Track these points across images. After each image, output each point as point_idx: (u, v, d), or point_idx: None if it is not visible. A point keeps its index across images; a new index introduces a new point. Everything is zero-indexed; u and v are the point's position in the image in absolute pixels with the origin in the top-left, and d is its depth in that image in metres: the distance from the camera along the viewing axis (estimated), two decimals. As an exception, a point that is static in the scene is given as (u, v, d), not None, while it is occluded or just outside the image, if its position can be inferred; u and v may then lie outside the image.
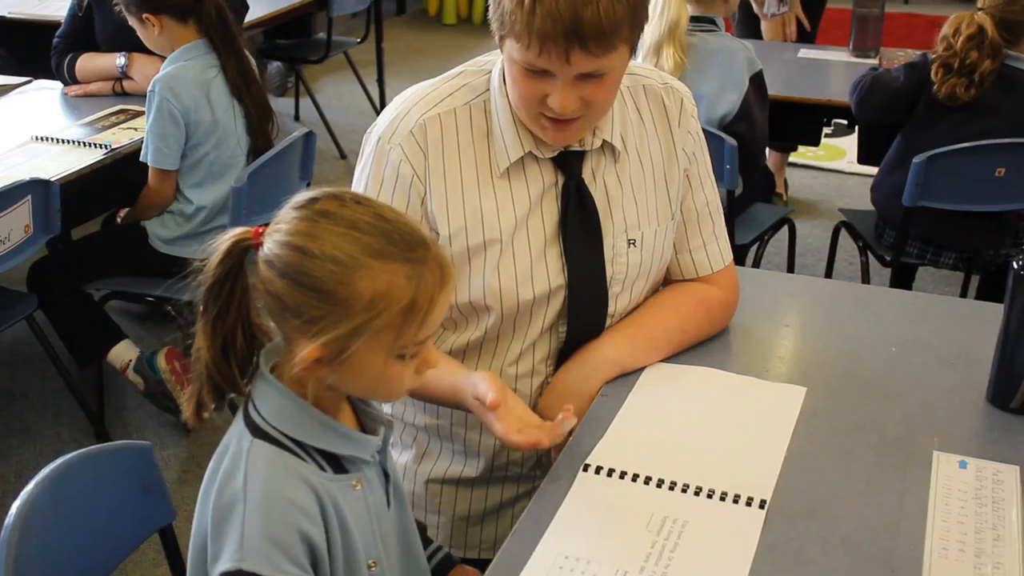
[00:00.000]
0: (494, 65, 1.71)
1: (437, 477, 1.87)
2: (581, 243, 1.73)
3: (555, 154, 1.70)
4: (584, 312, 1.76)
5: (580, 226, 1.72)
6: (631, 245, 1.77)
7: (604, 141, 1.72)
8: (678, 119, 1.80)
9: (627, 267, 1.77)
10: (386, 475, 1.42)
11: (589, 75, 1.55)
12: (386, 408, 1.91)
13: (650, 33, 3.08)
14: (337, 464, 1.33)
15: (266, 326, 1.33)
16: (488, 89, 1.71)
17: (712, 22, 3.17)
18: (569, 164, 1.71)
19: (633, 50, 1.62)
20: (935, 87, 3.08)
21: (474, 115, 1.70)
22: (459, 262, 1.70)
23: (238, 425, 1.32)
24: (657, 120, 1.79)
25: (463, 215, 1.69)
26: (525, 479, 1.86)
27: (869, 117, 3.33)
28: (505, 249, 1.70)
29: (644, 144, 1.78)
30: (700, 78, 3.08)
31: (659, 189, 1.79)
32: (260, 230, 1.28)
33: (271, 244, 1.26)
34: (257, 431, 1.29)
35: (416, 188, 1.69)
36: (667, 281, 1.91)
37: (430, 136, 1.68)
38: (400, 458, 1.90)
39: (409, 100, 1.73)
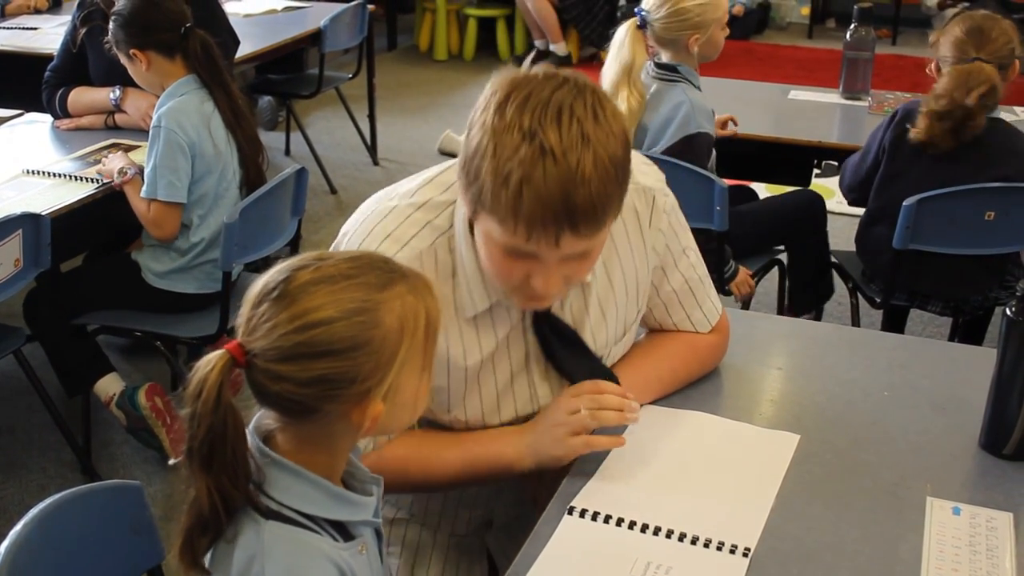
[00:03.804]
0: (457, 204, 1.59)
1: (387, 517, 1.86)
2: (578, 365, 1.69)
3: None
4: None
5: (568, 353, 1.68)
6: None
7: None
8: (648, 219, 1.73)
9: None
10: (377, 533, 1.40)
11: (574, 254, 1.46)
12: None
13: (607, 73, 3.13)
14: (344, 532, 1.30)
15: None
16: (452, 226, 1.60)
17: (674, 70, 3.17)
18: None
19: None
20: (913, 133, 3.03)
21: (439, 255, 1.61)
22: None
23: (242, 511, 1.26)
24: (629, 226, 1.72)
25: None
26: (471, 534, 1.90)
27: (855, 197, 3.33)
28: (471, 385, 1.68)
29: (614, 260, 1.72)
30: (650, 116, 3.12)
31: (629, 301, 1.76)
32: (235, 343, 1.22)
33: (273, 342, 1.20)
34: (267, 512, 1.25)
35: None
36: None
37: None
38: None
39: (373, 238, 1.61)
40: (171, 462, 3.21)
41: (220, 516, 1.23)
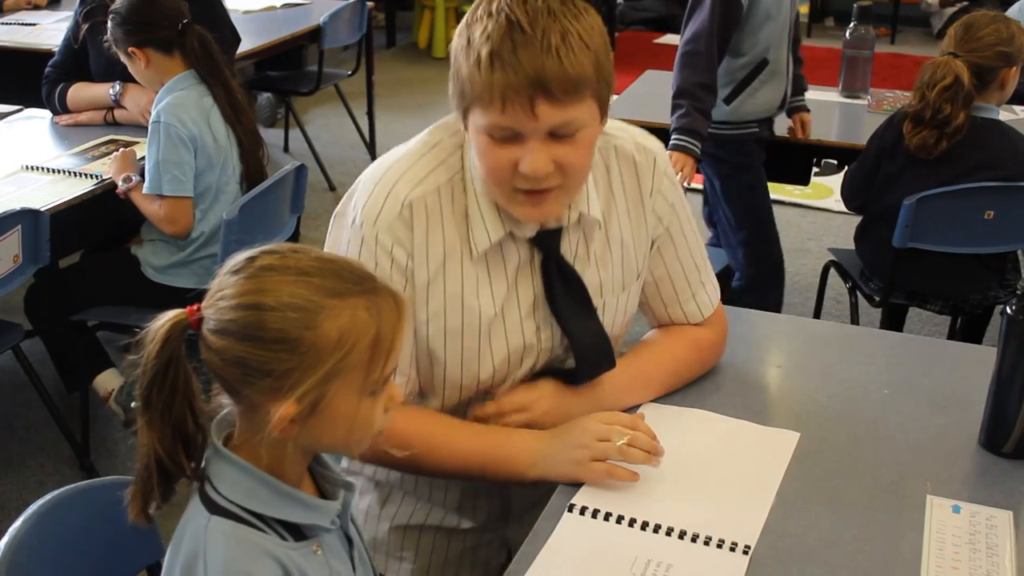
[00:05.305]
0: (467, 141, 1.63)
1: (400, 524, 1.85)
2: (576, 317, 1.70)
3: (534, 234, 1.66)
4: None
5: (571, 301, 1.69)
6: None
7: (580, 214, 1.68)
8: (650, 182, 1.75)
9: None
10: (349, 540, 1.38)
11: (559, 134, 1.49)
12: (344, 463, 1.89)
13: None
14: (297, 532, 1.29)
15: (206, 406, 1.28)
16: (463, 167, 1.65)
17: None
18: (546, 242, 1.68)
19: (604, 112, 1.56)
20: (906, 140, 3.05)
21: (455, 194, 1.64)
22: (435, 344, 1.68)
23: (195, 504, 1.28)
24: (627, 184, 1.74)
25: (443, 297, 1.65)
26: (488, 529, 1.86)
27: (858, 204, 3.34)
28: (483, 337, 1.68)
29: (612, 213, 1.74)
30: None
31: (626, 258, 1.76)
32: (195, 307, 1.24)
33: (216, 313, 1.22)
34: (214, 507, 1.25)
35: (409, 269, 1.64)
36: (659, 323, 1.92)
37: (416, 218, 1.62)
38: (362, 503, 1.87)
39: (389, 177, 1.65)
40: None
41: (152, 476, 1.24)
